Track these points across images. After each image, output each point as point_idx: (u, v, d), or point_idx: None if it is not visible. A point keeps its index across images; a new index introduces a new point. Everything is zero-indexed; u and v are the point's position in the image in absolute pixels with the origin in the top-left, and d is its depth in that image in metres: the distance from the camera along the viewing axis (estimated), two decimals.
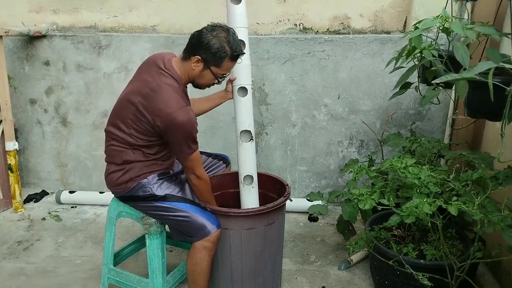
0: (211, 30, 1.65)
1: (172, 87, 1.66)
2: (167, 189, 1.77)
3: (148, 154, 1.75)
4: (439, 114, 2.78)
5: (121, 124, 1.72)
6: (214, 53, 1.65)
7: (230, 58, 1.68)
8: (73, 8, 3.05)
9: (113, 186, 1.81)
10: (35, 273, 2.24)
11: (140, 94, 1.67)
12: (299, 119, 2.91)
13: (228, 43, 1.65)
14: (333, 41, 2.76)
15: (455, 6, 2.52)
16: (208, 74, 1.72)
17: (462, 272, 1.65)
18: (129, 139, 1.72)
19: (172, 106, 1.61)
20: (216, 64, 1.68)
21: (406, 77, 1.79)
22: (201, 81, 1.75)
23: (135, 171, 1.75)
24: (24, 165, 3.23)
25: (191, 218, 1.72)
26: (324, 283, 2.15)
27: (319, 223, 2.80)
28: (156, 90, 1.65)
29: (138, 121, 1.68)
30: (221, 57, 1.66)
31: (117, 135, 1.74)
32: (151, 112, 1.64)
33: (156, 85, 1.66)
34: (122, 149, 1.74)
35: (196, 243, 1.73)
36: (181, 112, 1.62)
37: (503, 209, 1.48)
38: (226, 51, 1.65)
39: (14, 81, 2.98)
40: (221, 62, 1.67)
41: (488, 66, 1.22)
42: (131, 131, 1.70)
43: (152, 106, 1.63)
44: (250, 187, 1.95)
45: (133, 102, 1.68)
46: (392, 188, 1.95)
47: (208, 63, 1.68)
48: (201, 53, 1.66)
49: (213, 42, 1.63)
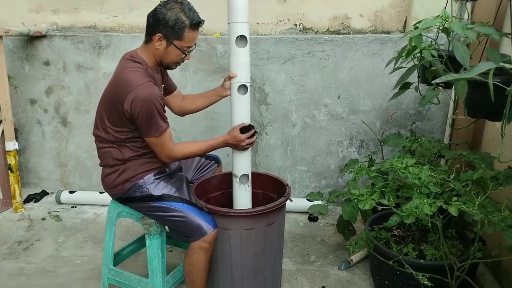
0: (164, 5, 1.66)
1: (133, 68, 1.68)
2: (164, 189, 1.77)
3: (137, 149, 1.75)
4: (439, 114, 2.78)
5: (100, 123, 1.76)
6: (172, 26, 1.64)
7: (190, 27, 1.67)
8: (73, 8, 3.05)
9: (110, 189, 1.81)
10: (35, 273, 2.24)
11: (109, 86, 1.72)
12: (299, 119, 2.91)
13: (184, 13, 1.65)
14: (333, 41, 2.76)
15: (455, 6, 2.52)
16: (173, 50, 1.71)
17: (462, 272, 1.65)
18: (110, 137, 1.74)
19: (134, 84, 1.62)
20: (177, 37, 1.67)
21: (406, 77, 1.79)
22: (168, 58, 1.74)
23: (130, 172, 1.75)
24: (24, 165, 3.23)
25: (187, 218, 1.72)
26: (324, 283, 2.15)
27: (319, 223, 2.80)
28: (118, 76, 1.69)
29: (110, 114, 1.70)
30: (180, 28, 1.65)
31: (100, 136, 1.77)
32: (117, 97, 1.65)
33: (118, 71, 1.70)
34: (109, 149, 1.76)
35: (193, 243, 1.72)
36: (143, 87, 1.62)
37: (503, 209, 1.48)
38: (183, 21, 1.65)
39: (14, 81, 2.98)
40: (182, 33, 1.67)
41: (488, 67, 1.22)
42: (107, 126, 1.73)
43: (117, 90, 1.66)
44: (246, 186, 1.94)
45: (104, 96, 1.74)
46: (392, 188, 1.95)
47: (170, 38, 1.67)
48: (160, 30, 1.66)
49: (168, 15, 1.64)
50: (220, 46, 2.83)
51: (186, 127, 2.95)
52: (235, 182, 1.93)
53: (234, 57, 1.82)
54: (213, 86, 1.99)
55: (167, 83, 1.98)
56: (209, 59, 2.86)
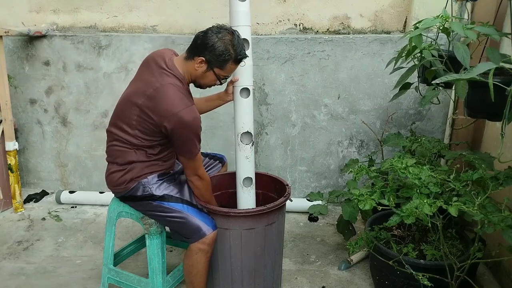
0: (216, 32, 1.65)
1: (176, 86, 1.66)
2: (166, 189, 1.77)
3: (151, 155, 1.75)
4: (439, 114, 2.78)
5: (124, 125, 1.72)
6: (218, 55, 1.65)
7: (234, 61, 1.69)
8: (73, 8, 3.05)
9: (114, 186, 1.81)
10: (35, 273, 2.24)
11: (144, 95, 1.66)
12: (299, 119, 2.91)
13: (233, 46, 1.65)
14: (333, 41, 2.76)
15: (455, 6, 2.52)
16: (210, 75, 1.72)
17: (462, 272, 1.65)
18: (133, 140, 1.72)
19: (178, 106, 1.61)
20: (219, 66, 1.69)
21: (406, 78, 1.79)
22: (203, 81, 1.76)
23: (136, 171, 1.75)
24: (24, 165, 3.23)
25: (186, 219, 1.72)
26: (324, 283, 2.15)
27: (319, 223, 2.80)
28: (161, 91, 1.64)
29: (143, 122, 1.68)
30: (225, 60, 1.66)
31: (120, 136, 1.74)
32: (156, 113, 1.64)
33: (160, 86, 1.66)
34: (125, 149, 1.74)
35: (192, 244, 1.73)
36: (187, 111, 1.62)
37: (503, 210, 1.48)
38: (230, 54, 1.66)
39: (14, 81, 2.98)
40: (225, 64, 1.68)
41: (488, 67, 1.22)
42: (135, 132, 1.70)
43: (158, 107, 1.63)
44: (249, 189, 1.94)
45: (137, 103, 1.68)
46: (392, 188, 1.95)
47: (211, 64, 1.68)
48: (206, 55, 1.66)
49: (218, 45, 1.64)
50: None
51: None
52: (239, 185, 1.93)
53: None
54: (214, 88, 1.98)
55: None
56: None
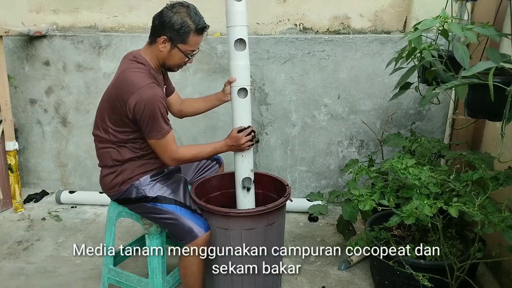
0: (170, 8, 1.66)
1: (137, 69, 1.68)
2: (159, 190, 1.77)
3: (136, 150, 1.75)
4: (439, 114, 2.78)
5: (100, 123, 1.76)
6: (178, 30, 1.65)
7: (195, 32, 1.68)
8: (73, 8, 3.05)
9: (107, 190, 1.81)
10: (35, 273, 2.24)
11: (112, 87, 1.72)
12: (299, 119, 2.91)
13: (190, 18, 1.66)
14: (333, 41, 2.76)
15: (455, 6, 2.52)
16: (177, 53, 1.71)
17: (462, 272, 1.65)
18: (111, 137, 1.74)
19: (138, 84, 1.62)
20: (182, 41, 1.68)
21: (406, 78, 1.79)
22: (171, 61, 1.75)
23: (128, 173, 1.75)
24: (24, 165, 3.23)
25: (178, 221, 1.71)
26: (324, 283, 2.15)
27: (319, 223, 2.80)
28: (121, 76, 1.68)
29: (112, 114, 1.70)
30: (185, 32, 1.66)
31: (100, 136, 1.77)
32: (120, 97, 1.65)
33: (121, 71, 1.70)
34: (108, 149, 1.76)
35: (185, 246, 1.72)
36: (147, 87, 1.63)
37: (503, 210, 1.48)
38: (189, 25, 1.66)
39: (14, 81, 2.98)
40: (187, 37, 1.68)
41: (488, 66, 1.22)
42: (109, 127, 1.72)
43: (120, 91, 1.66)
44: (249, 189, 1.94)
45: (106, 97, 1.73)
46: (392, 188, 1.95)
47: (174, 41, 1.68)
48: (166, 32, 1.66)
49: (175, 19, 1.64)
50: (220, 46, 2.83)
51: (186, 127, 2.95)
52: (238, 186, 1.93)
53: (234, 60, 1.82)
54: (213, 86, 2.00)
55: (168, 85, 1.98)
56: (209, 59, 2.85)
